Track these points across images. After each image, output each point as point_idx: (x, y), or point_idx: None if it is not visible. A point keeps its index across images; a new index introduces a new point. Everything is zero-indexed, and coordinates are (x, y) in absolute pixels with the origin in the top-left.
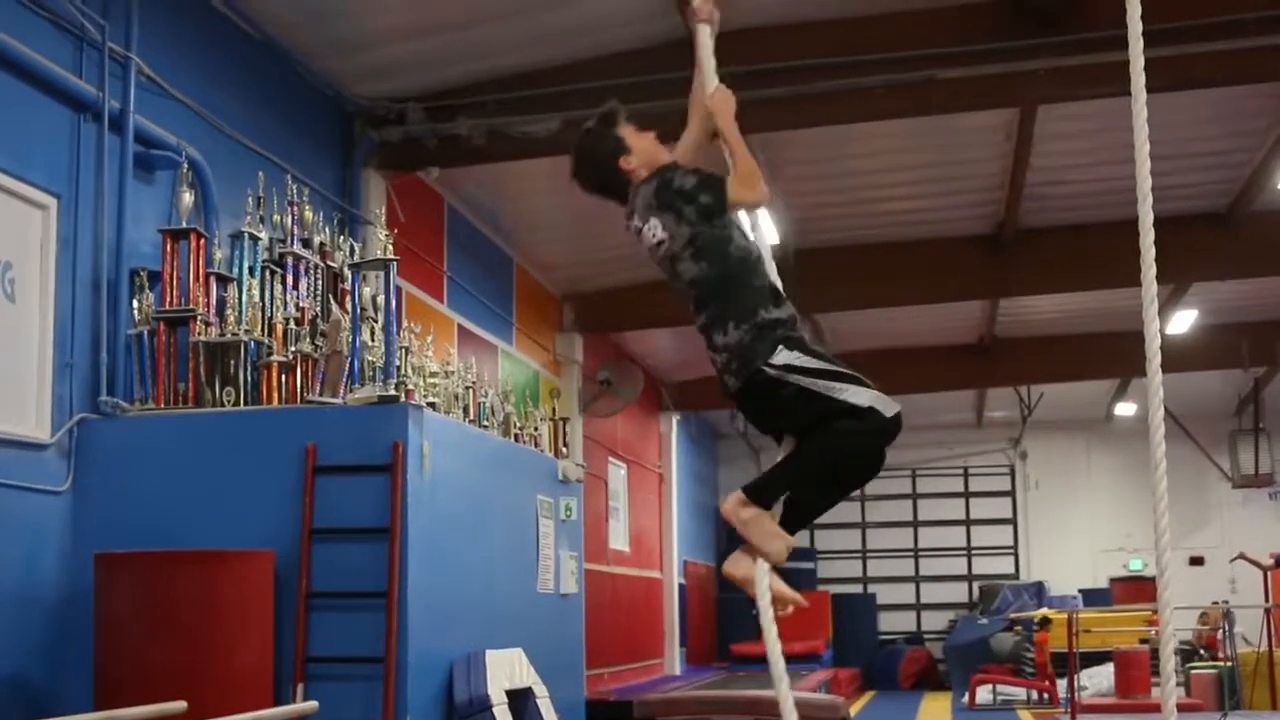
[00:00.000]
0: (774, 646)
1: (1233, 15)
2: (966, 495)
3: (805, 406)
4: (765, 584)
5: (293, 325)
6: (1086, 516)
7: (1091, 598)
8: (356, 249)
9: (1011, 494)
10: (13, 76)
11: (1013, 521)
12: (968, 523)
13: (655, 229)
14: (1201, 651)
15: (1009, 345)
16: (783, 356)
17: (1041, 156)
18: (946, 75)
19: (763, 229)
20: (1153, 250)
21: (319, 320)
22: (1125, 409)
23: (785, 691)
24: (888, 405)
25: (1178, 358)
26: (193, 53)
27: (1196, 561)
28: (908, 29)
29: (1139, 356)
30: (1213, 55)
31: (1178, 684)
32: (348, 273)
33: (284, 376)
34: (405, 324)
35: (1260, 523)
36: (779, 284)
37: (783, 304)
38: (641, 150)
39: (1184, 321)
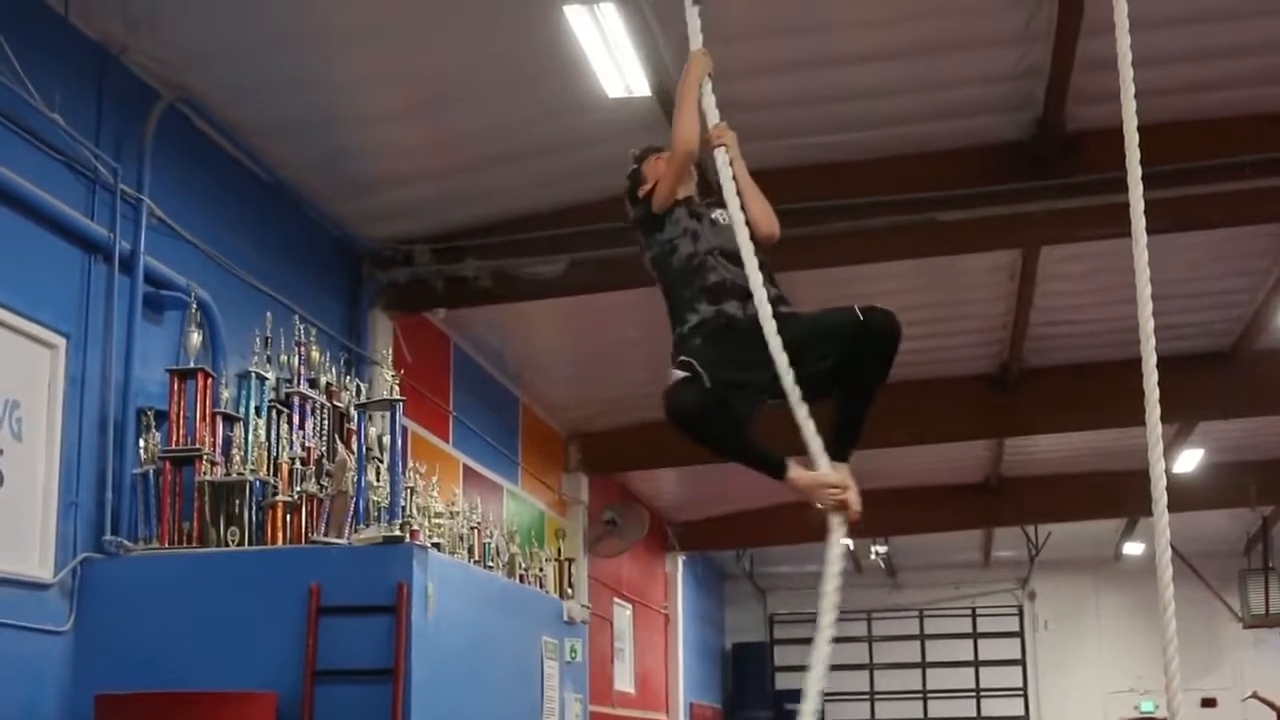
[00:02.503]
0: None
1: (1231, 158)
2: (975, 636)
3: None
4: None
5: (298, 465)
6: (1096, 657)
7: None
8: (363, 389)
9: (1020, 634)
10: (25, 217)
11: (1022, 662)
12: (976, 664)
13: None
14: None
15: (1015, 485)
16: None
17: (1044, 297)
18: (948, 217)
19: (736, 213)
20: (1156, 391)
21: (325, 460)
22: (1134, 548)
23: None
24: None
25: (1185, 497)
26: (203, 195)
27: (1209, 703)
28: (910, 172)
29: (1146, 496)
30: (1212, 197)
31: None
32: (354, 413)
33: (289, 516)
34: (411, 464)
35: (1273, 664)
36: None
37: (719, 301)
38: (653, 177)
39: (1191, 460)
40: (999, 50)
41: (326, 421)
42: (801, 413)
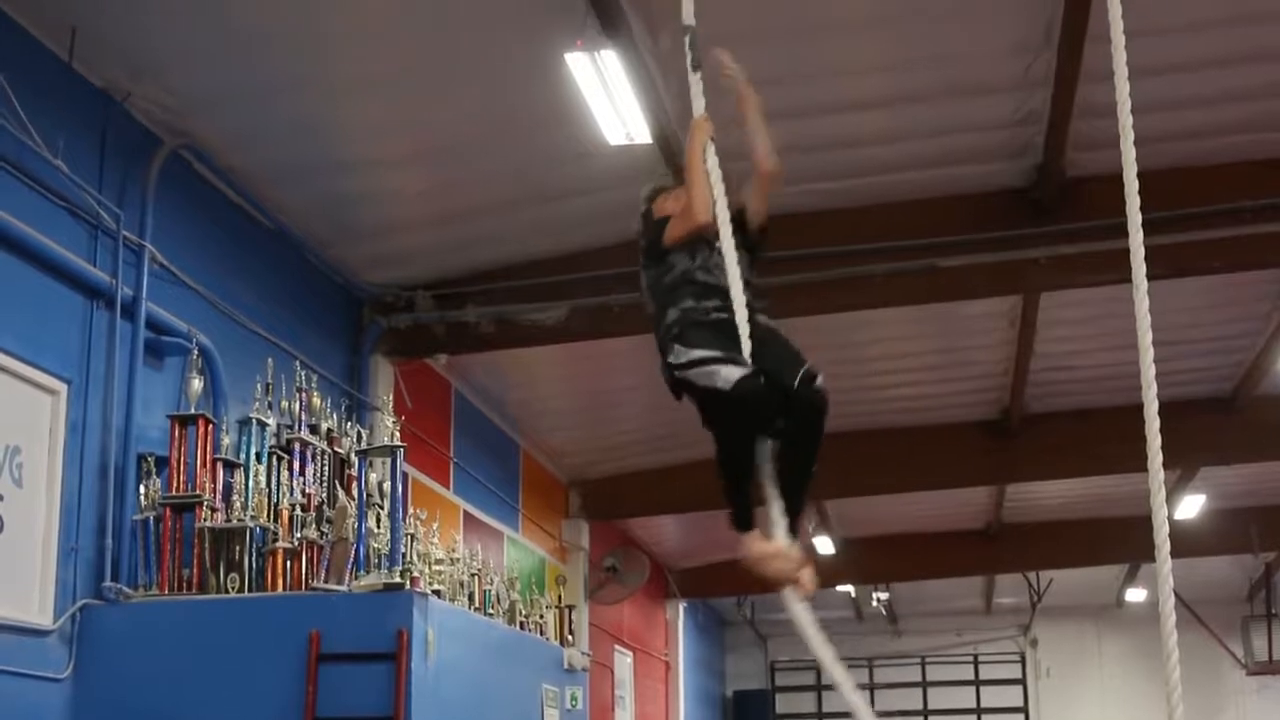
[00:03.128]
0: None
1: (1231, 204)
2: (977, 683)
3: (696, 399)
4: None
5: (299, 511)
6: (1099, 705)
7: None
8: (364, 435)
9: (1022, 682)
10: (28, 263)
11: (1024, 710)
12: (978, 711)
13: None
14: None
15: (1017, 531)
16: (674, 354)
17: (1045, 343)
18: (949, 263)
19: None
20: (1159, 438)
21: (325, 507)
22: (1136, 594)
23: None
24: (728, 378)
25: (1187, 543)
26: (205, 241)
27: None
28: (911, 218)
29: (1148, 542)
30: (1212, 243)
31: None
32: (355, 459)
33: (289, 563)
34: (411, 510)
35: (1276, 711)
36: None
37: (701, 298)
38: (664, 208)
39: (1192, 506)
40: (999, 97)
41: (327, 468)
42: (764, 459)
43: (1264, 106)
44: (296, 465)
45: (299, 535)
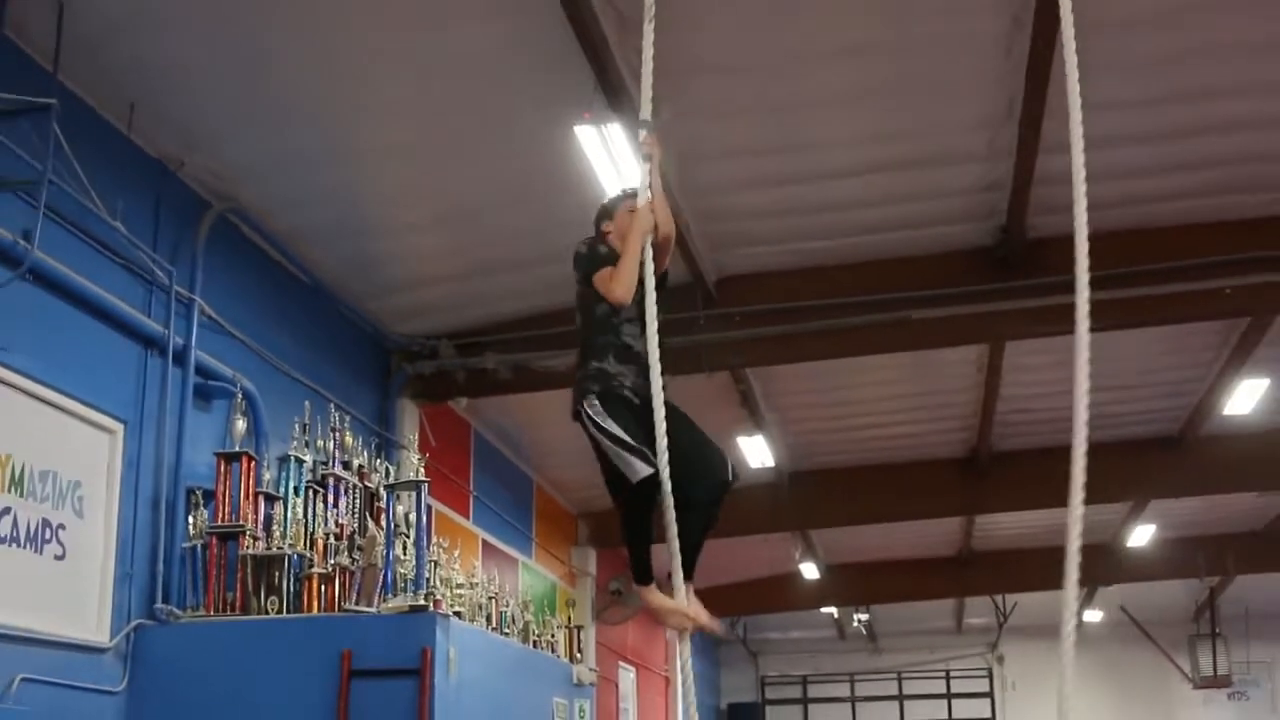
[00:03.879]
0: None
1: (1177, 262)
2: (949, 696)
3: (604, 463)
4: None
5: (333, 540)
6: (1059, 715)
7: None
8: (391, 471)
9: (990, 695)
10: (90, 315)
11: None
12: None
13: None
14: None
15: (985, 558)
16: (589, 405)
17: (1010, 387)
18: (921, 316)
19: (651, 300)
20: (1082, 476)
21: (356, 536)
22: (1093, 615)
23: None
24: (637, 472)
25: (1139, 568)
26: (249, 295)
27: None
28: (886, 275)
29: (1104, 567)
30: (1160, 297)
31: None
32: (383, 492)
33: (323, 587)
34: (434, 539)
35: None
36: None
37: (621, 360)
38: (619, 226)
39: (1144, 535)
40: (966, 166)
41: (358, 500)
42: (671, 518)
43: (1207, 175)
44: (330, 498)
45: (333, 562)
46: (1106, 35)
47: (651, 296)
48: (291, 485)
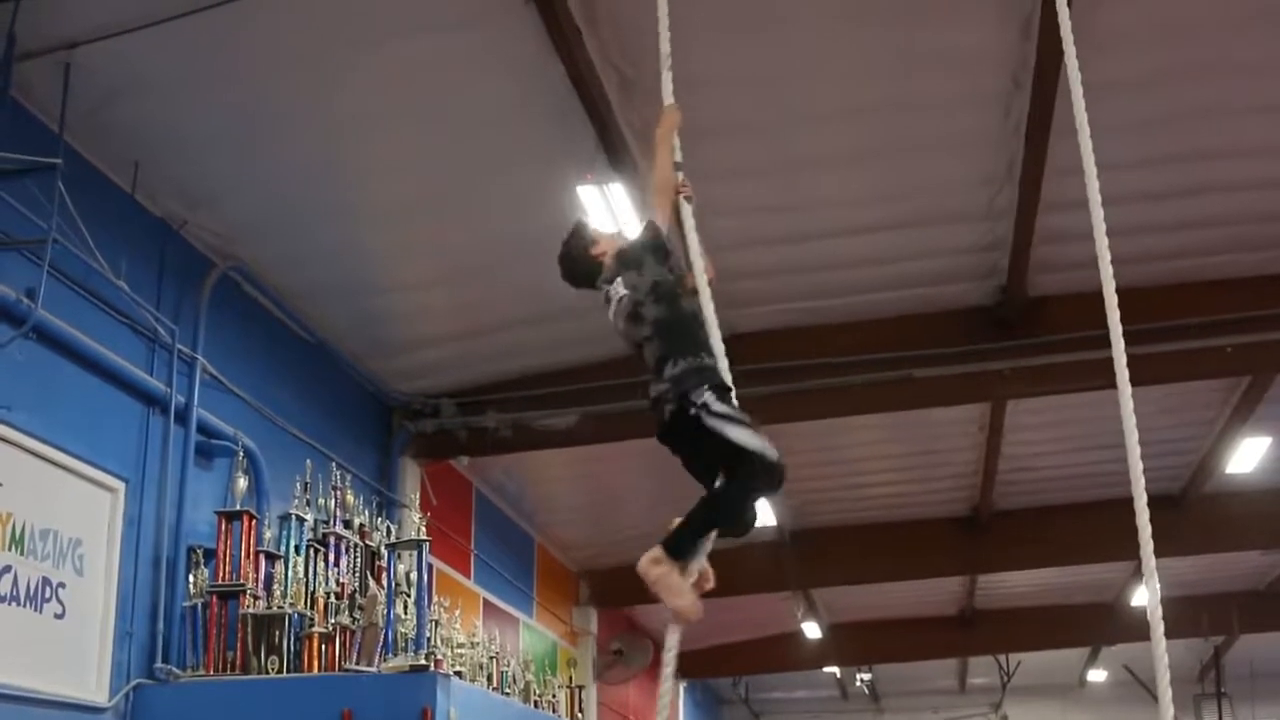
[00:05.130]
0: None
1: (1175, 321)
2: None
3: (712, 445)
4: (674, 644)
5: (333, 599)
6: None
7: None
8: (392, 530)
9: None
10: (92, 373)
11: None
12: None
13: (619, 287)
14: None
15: (988, 617)
16: (709, 398)
17: (1011, 445)
18: (923, 374)
19: (709, 307)
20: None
21: (357, 595)
22: (1097, 675)
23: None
24: (770, 450)
25: (1143, 628)
26: (252, 353)
27: None
28: (887, 334)
29: (1107, 627)
30: (1160, 356)
31: None
32: (384, 551)
33: (324, 646)
34: (435, 599)
35: None
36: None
37: (712, 359)
38: (607, 241)
39: (1147, 594)
40: (966, 225)
41: (359, 559)
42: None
43: (1204, 234)
44: (331, 557)
45: (333, 621)
46: (1105, 96)
47: (703, 277)
48: (292, 544)
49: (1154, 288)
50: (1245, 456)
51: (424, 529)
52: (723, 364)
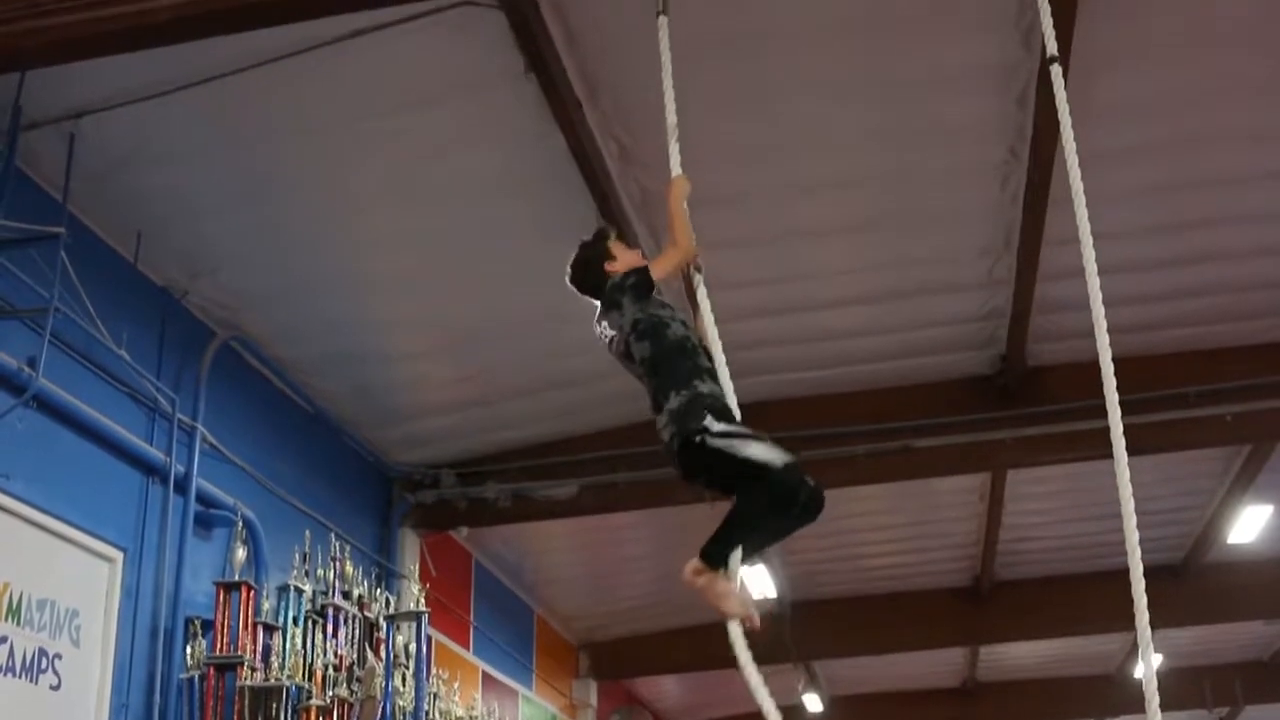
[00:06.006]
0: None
1: (1174, 389)
2: None
3: (723, 464)
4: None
5: (331, 671)
6: None
7: None
8: (391, 601)
9: None
10: (92, 442)
11: None
12: None
13: (604, 327)
14: None
15: (990, 689)
16: (709, 422)
17: (1012, 515)
18: (923, 444)
19: (710, 328)
20: (1144, 598)
21: (356, 667)
22: None
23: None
24: (780, 457)
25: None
26: (251, 423)
27: None
28: (887, 404)
29: (1110, 697)
30: (1159, 425)
31: None
32: (383, 623)
33: (322, 719)
34: (434, 671)
35: None
36: (717, 369)
37: (712, 382)
38: (625, 260)
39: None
40: (966, 295)
41: (358, 631)
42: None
43: (1202, 303)
44: (330, 628)
45: (331, 693)
46: (1103, 165)
47: (709, 317)
48: (291, 615)
49: (1153, 356)
50: (1247, 526)
51: (423, 600)
52: (727, 386)
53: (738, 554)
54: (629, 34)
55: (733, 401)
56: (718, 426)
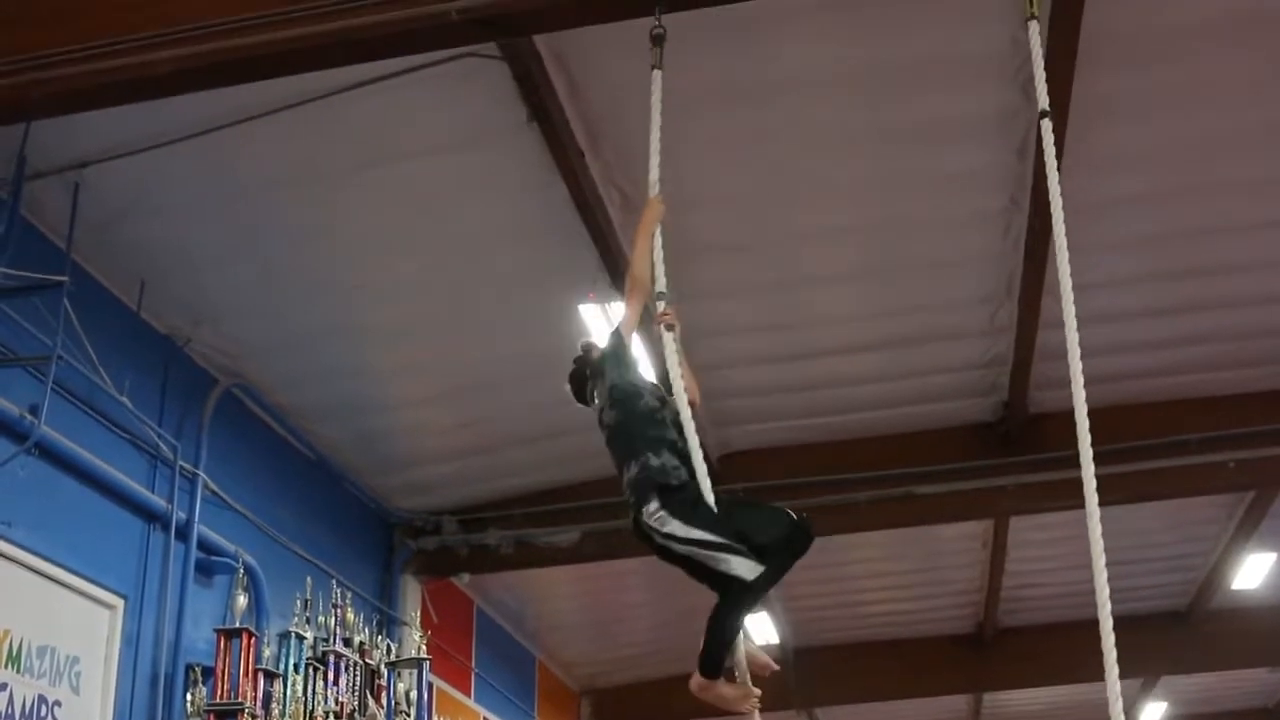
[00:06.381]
0: None
1: (1177, 436)
2: None
3: (695, 571)
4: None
5: (333, 718)
6: None
7: None
8: (393, 648)
9: None
10: (94, 490)
11: None
12: None
13: (597, 399)
14: None
15: None
16: (651, 506)
17: (1015, 562)
18: (925, 491)
19: (680, 395)
20: (1114, 652)
21: (357, 714)
22: None
23: None
24: (742, 567)
25: None
26: (253, 470)
27: None
28: (889, 451)
29: None
30: (1162, 471)
31: None
32: (384, 670)
33: None
34: (435, 718)
35: None
36: (690, 446)
37: (669, 454)
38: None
39: (1155, 714)
40: (967, 342)
41: (359, 678)
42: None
43: (1204, 350)
44: (331, 675)
45: None
46: (1106, 214)
47: (684, 398)
48: (292, 662)
49: (1156, 403)
50: (1251, 572)
51: (424, 647)
52: (696, 454)
53: (738, 640)
54: (630, 84)
55: (700, 469)
56: (666, 526)
